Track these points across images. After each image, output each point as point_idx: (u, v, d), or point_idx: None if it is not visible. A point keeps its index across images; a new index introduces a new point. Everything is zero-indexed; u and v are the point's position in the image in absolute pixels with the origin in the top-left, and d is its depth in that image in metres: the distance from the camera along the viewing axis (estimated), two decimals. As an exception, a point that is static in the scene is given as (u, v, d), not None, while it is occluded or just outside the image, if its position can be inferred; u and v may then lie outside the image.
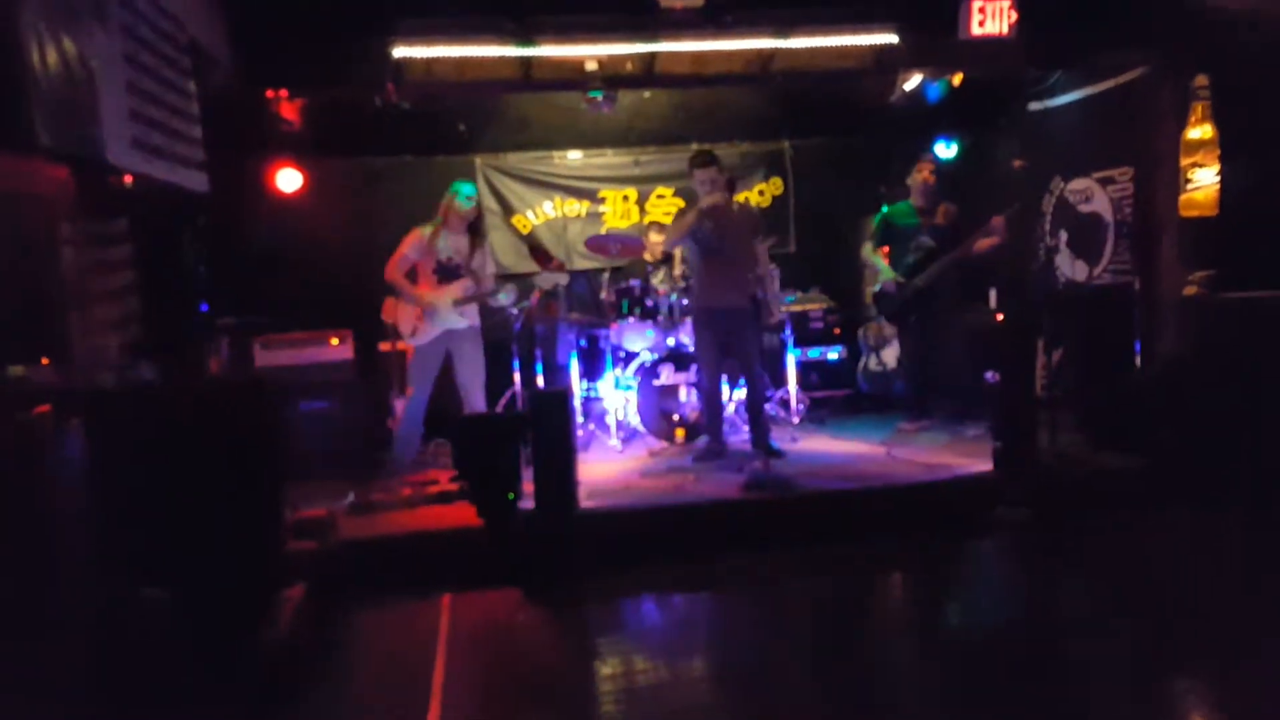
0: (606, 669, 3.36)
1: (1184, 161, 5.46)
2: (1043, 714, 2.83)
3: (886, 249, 6.11)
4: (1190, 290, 5.35)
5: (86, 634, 2.78)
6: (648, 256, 6.55)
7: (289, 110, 5.56)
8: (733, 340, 5.45)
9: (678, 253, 6.02)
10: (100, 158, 3.53)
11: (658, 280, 6.15)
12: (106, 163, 3.59)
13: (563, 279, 5.78)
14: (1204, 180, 5.38)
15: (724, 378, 5.71)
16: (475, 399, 5.36)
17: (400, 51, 5.15)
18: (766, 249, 5.62)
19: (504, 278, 5.84)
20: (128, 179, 3.86)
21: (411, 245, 5.28)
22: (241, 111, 5.40)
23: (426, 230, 5.29)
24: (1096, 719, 2.79)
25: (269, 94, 5.42)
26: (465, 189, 5.35)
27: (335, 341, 5.90)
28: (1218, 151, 5.32)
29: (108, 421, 3.04)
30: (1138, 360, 5.61)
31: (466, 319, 5.33)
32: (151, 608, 3.05)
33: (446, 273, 5.29)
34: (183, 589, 3.10)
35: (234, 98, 5.24)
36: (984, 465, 4.88)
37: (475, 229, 5.41)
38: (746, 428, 6.06)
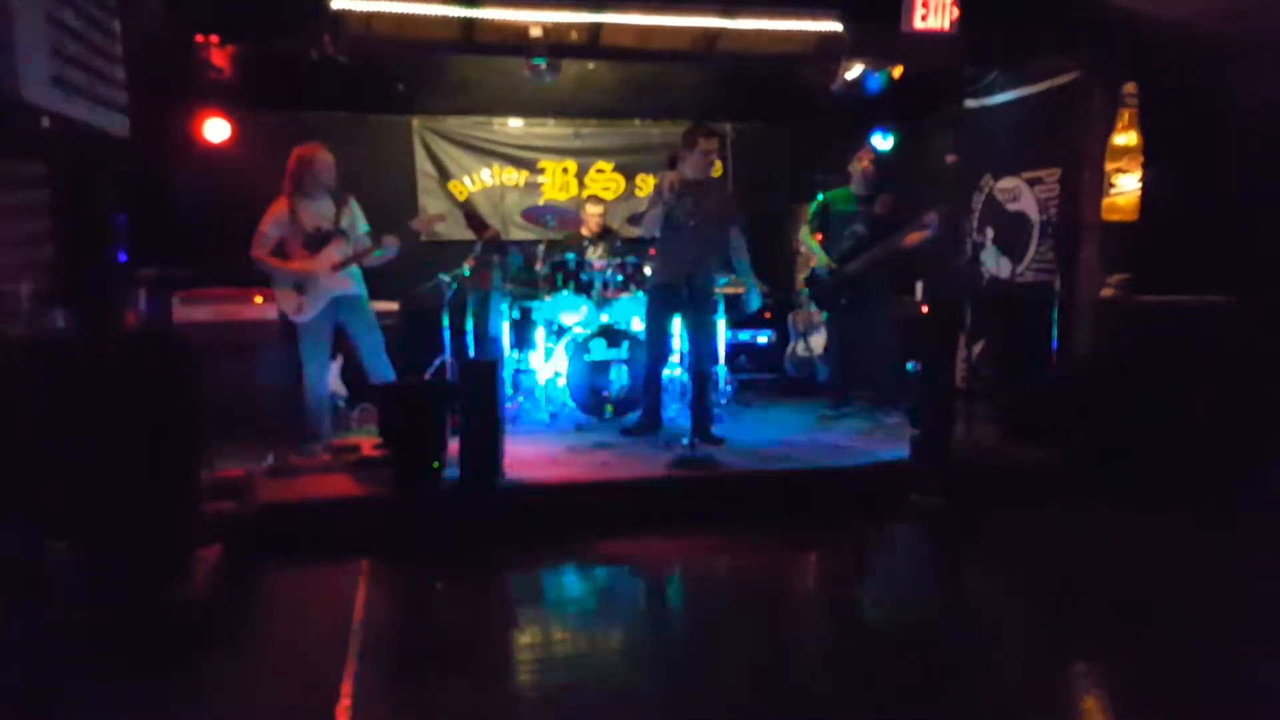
0: (525, 638, 3.38)
1: (1108, 166, 5.62)
2: (931, 682, 2.97)
3: (820, 235, 6.19)
4: (1108, 292, 5.54)
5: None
6: (585, 230, 6.53)
7: (219, 57, 5.35)
8: (686, 319, 5.39)
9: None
10: (15, 94, 3.36)
11: (595, 255, 6.13)
12: (21, 99, 3.42)
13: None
14: (1126, 186, 5.56)
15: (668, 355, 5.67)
16: (381, 368, 5.17)
17: (339, 3, 4.99)
18: (741, 234, 5.43)
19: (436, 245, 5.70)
20: (45, 121, 3.68)
21: (272, 221, 4.99)
22: (169, 56, 5.17)
23: (283, 204, 4.99)
24: (979, 692, 2.91)
25: (199, 39, 5.21)
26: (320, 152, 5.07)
27: (259, 300, 5.74)
28: (1141, 158, 5.52)
29: (14, 371, 2.94)
30: (1055, 357, 5.81)
31: (350, 285, 5.11)
32: (58, 563, 2.97)
33: (316, 242, 5.02)
34: (91, 545, 3.03)
35: (161, 41, 5.01)
36: (901, 452, 5.01)
37: (334, 191, 5.13)
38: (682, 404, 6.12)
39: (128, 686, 2.80)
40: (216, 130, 5.77)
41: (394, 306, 6.43)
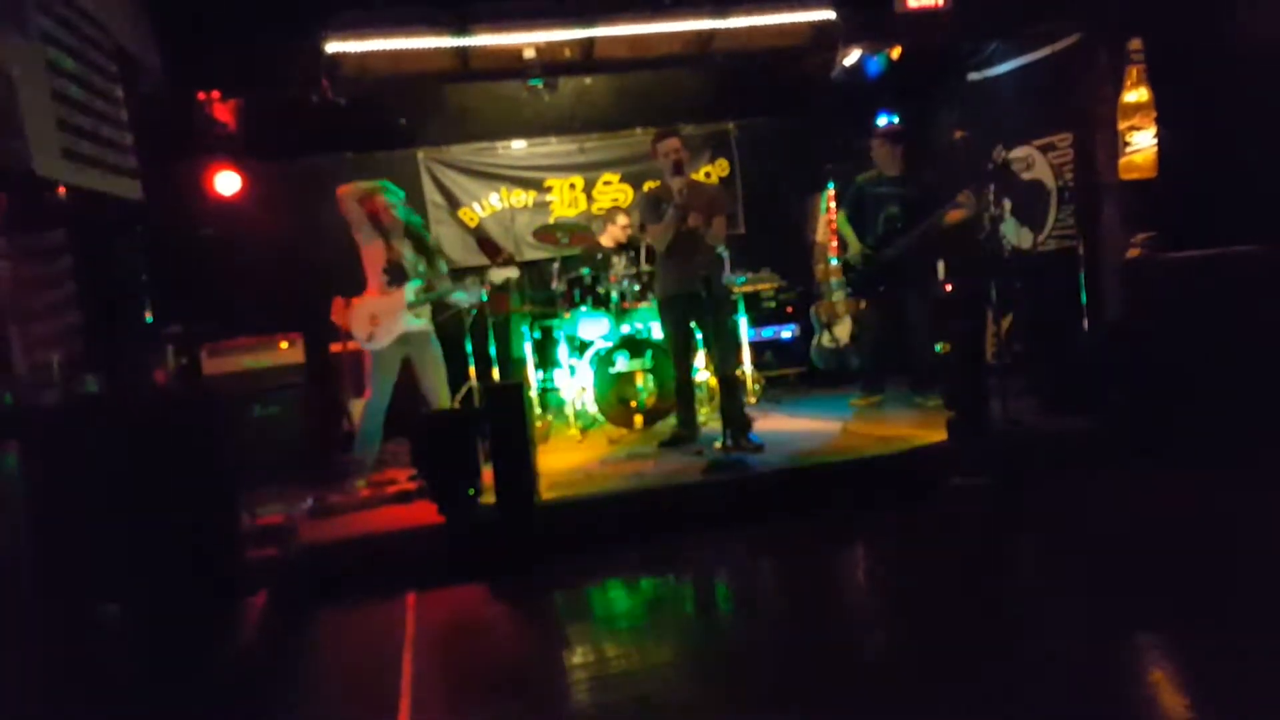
0: (576, 657, 3.35)
1: (1121, 125, 5.54)
2: (1013, 671, 2.88)
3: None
4: (1134, 252, 5.44)
5: (40, 655, 2.73)
6: (606, 241, 6.52)
7: (223, 112, 5.45)
8: (705, 325, 5.36)
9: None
10: (26, 170, 3.43)
11: (620, 266, 6.12)
12: (34, 175, 3.49)
13: (513, 273, 5.72)
14: (1142, 143, 5.47)
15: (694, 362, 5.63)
16: (442, 400, 5.26)
17: (333, 46, 5.06)
18: (724, 227, 5.33)
19: (455, 273, 5.73)
20: (61, 190, 3.76)
21: (357, 213, 5.06)
22: (174, 116, 5.27)
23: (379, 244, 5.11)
24: (1060, 675, 2.82)
25: (200, 96, 5.30)
26: (397, 191, 5.18)
27: (285, 345, 5.81)
28: (1154, 114, 5.42)
29: (53, 438, 2.98)
30: (1085, 323, 5.71)
31: (422, 320, 5.21)
32: (108, 625, 3.00)
33: (395, 272, 5.14)
34: (140, 604, 3.06)
35: (165, 102, 5.11)
36: (939, 436, 4.94)
37: (410, 231, 5.26)
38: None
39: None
40: (228, 183, 5.87)
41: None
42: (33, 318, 3.51)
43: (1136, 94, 5.45)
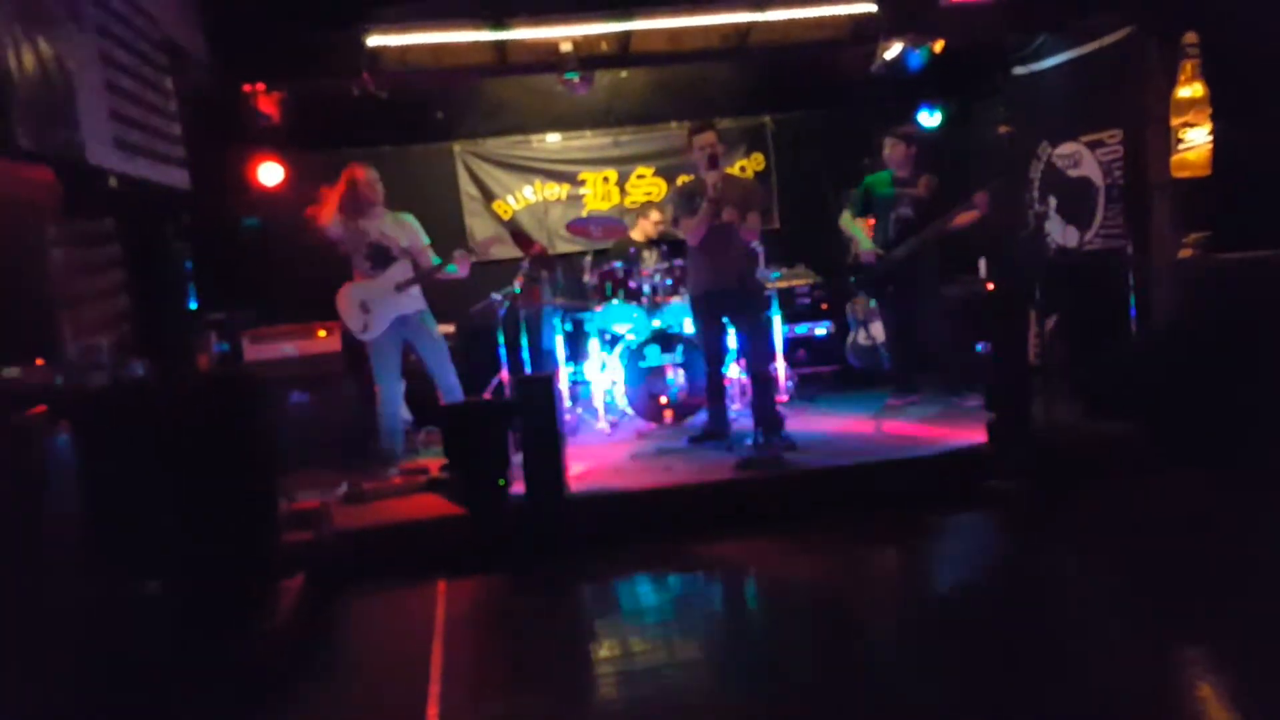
0: (604, 651, 3.36)
1: (1174, 121, 5.37)
2: (1047, 684, 2.81)
3: (872, 220, 6.06)
4: (1185, 252, 5.28)
5: (84, 631, 2.80)
6: (637, 235, 6.52)
7: (267, 104, 5.53)
8: (738, 322, 5.33)
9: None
10: (81, 159, 3.53)
11: (650, 260, 6.12)
12: (88, 163, 3.59)
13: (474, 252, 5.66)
14: (1196, 140, 5.29)
15: (725, 359, 5.61)
16: (449, 382, 5.26)
17: (374, 40, 5.13)
18: (758, 222, 5.24)
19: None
20: (111, 180, 3.85)
21: (334, 222, 5.02)
22: (220, 107, 5.38)
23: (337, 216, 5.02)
24: (1095, 687, 2.77)
25: (246, 88, 5.40)
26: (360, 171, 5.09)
27: (323, 333, 5.90)
28: (1209, 110, 5.24)
29: (101, 420, 3.05)
30: (1133, 326, 5.56)
31: (415, 303, 5.20)
32: (149, 603, 3.07)
33: (379, 255, 5.12)
34: (180, 583, 3.13)
35: (212, 93, 5.22)
36: (978, 437, 4.84)
37: (389, 212, 5.20)
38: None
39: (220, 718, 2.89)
40: (270, 174, 5.98)
41: (450, 328, 6.54)
42: (83, 302, 3.61)
43: (1191, 89, 5.27)
